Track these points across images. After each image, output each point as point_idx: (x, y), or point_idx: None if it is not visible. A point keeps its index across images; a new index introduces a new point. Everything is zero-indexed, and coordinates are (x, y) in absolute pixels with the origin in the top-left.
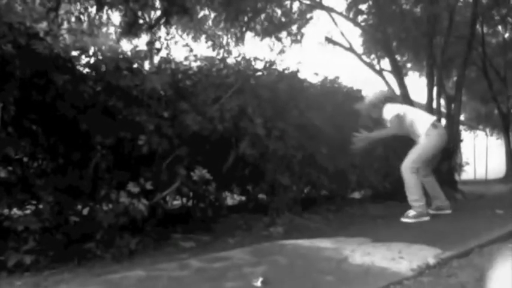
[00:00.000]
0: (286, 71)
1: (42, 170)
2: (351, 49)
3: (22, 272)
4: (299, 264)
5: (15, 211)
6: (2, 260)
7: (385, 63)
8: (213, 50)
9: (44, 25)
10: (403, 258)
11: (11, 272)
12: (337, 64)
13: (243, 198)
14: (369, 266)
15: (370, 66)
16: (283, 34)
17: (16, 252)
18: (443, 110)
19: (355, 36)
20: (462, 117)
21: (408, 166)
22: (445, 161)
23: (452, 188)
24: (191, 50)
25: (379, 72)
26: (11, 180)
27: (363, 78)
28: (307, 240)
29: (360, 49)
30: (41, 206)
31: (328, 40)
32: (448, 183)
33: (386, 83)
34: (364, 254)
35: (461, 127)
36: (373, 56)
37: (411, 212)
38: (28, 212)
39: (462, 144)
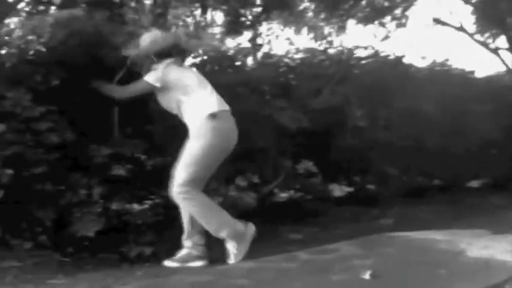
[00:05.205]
0: (390, 57)
1: (156, 168)
2: (461, 28)
3: (143, 262)
4: (410, 257)
5: (135, 206)
6: (124, 251)
7: (502, 41)
8: (316, 41)
9: None
10: None
11: (133, 262)
12: (447, 45)
13: (351, 189)
14: (487, 259)
15: (484, 45)
16: (387, 19)
17: (136, 245)
18: None
19: (465, 14)
20: None
21: (177, 191)
22: None
23: None
24: (292, 44)
25: (495, 51)
26: (130, 178)
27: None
28: (418, 232)
29: (471, 28)
30: (157, 201)
31: (436, 21)
32: None
33: (503, 62)
34: (482, 247)
35: None
36: (487, 34)
37: (231, 248)
38: (146, 206)
39: None
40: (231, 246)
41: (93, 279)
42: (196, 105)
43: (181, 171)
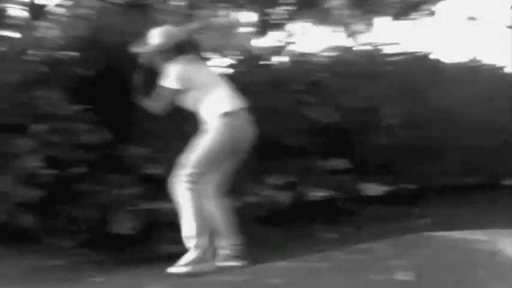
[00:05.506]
0: (421, 54)
1: None
2: (497, 23)
3: (173, 260)
4: (447, 257)
5: (166, 205)
6: (161, 250)
7: None
8: (346, 38)
9: None
10: None
11: (169, 260)
12: (480, 41)
13: (386, 188)
14: None
15: None
16: (418, 14)
17: (173, 243)
18: None
19: (500, 8)
20: None
21: (182, 176)
22: None
23: None
24: (321, 42)
25: None
26: (165, 177)
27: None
28: (456, 232)
29: (507, 22)
30: None
31: (471, 18)
32: None
33: None
34: None
35: None
36: None
37: (186, 257)
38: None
39: None
40: (187, 257)
41: (130, 277)
42: (211, 103)
43: (187, 164)
